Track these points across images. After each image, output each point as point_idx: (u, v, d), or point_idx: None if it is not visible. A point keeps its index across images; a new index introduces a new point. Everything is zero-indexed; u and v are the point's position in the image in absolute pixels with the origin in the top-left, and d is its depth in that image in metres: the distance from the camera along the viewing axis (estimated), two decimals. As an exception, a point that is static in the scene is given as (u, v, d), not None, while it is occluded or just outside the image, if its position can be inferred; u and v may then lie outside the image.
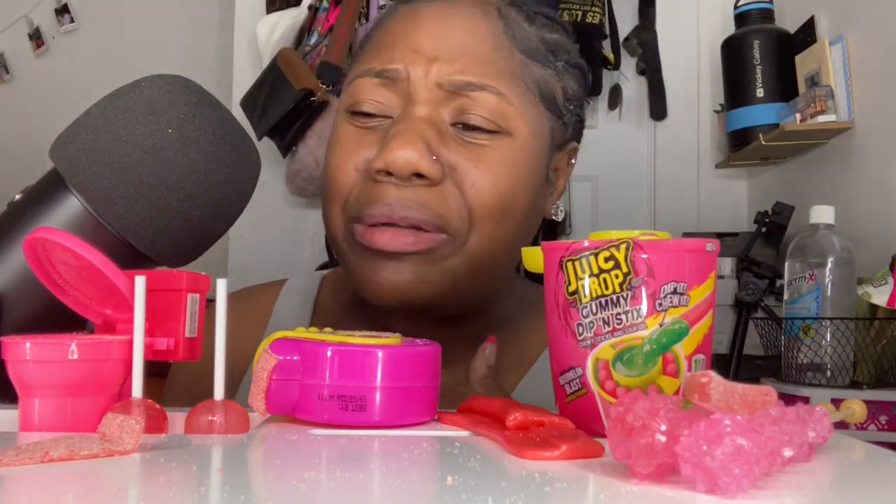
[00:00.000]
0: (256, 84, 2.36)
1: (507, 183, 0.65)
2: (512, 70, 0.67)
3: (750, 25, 2.16)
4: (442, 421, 0.48)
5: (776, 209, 1.95)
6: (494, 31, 0.68)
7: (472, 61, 0.66)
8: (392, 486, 0.33)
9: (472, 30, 0.67)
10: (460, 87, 0.65)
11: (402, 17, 0.70)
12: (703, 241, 0.45)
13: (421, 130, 0.64)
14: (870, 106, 1.81)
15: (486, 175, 0.65)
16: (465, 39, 0.67)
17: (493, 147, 0.66)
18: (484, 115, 0.65)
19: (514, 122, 0.66)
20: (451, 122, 0.66)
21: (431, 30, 0.67)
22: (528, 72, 0.68)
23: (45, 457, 0.36)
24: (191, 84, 0.56)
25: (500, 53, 0.67)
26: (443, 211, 0.64)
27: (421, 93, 0.66)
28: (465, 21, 0.68)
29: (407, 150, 0.62)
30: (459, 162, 0.65)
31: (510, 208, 0.66)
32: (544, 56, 0.70)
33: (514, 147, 0.66)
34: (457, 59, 0.66)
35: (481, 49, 0.67)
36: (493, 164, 0.65)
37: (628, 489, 0.33)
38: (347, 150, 0.67)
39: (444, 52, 0.66)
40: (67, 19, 3.02)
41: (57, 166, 0.54)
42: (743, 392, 0.36)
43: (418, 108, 0.65)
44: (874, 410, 1.37)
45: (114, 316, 0.49)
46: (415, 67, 0.66)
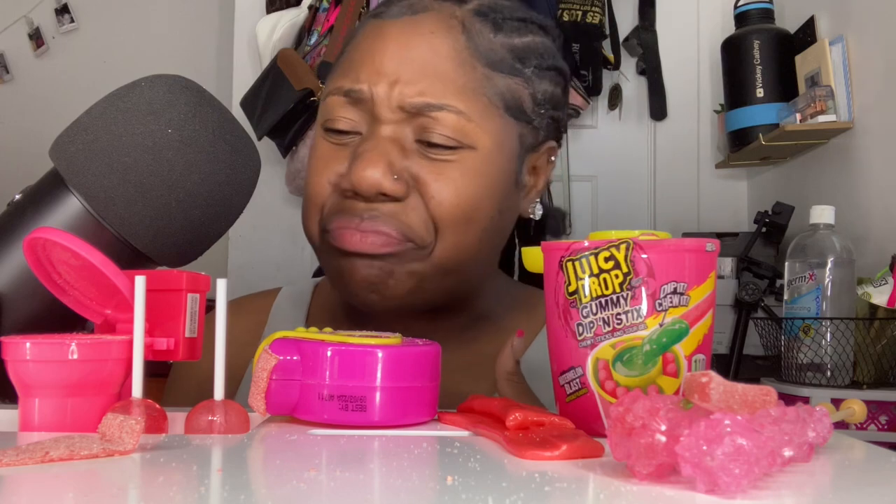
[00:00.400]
0: (256, 84, 2.36)
1: (469, 194, 0.69)
2: (473, 86, 0.69)
3: (750, 25, 2.16)
4: (442, 421, 0.48)
5: (776, 209, 1.95)
6: (457, 48, 0.70)
7: (431, 82, 0.69)
8: (392, 486, 0.33)
9: (435, 48, 0.70)
10: (420, 108, 0.68)
11: (370, 34, 0.73)
12: (703, 241, 0.45)
13: (384, 150, 0.67)
14: (870, 106, 1.81)
15: (447, 188, 0.68)
16: (427, 58, 0.69)
17: (455, 161, 0.69)
18: (445, 133, 0.68)
19: (475, 137, 0.69)
20: (414, 139, 0.69)
21: (395, 50, 0.70)
22: (490, 84, 0.70)
23: (45, 457, 0.36)
24: (191, 84, 0.56)
25: (462, 70, 0.69)
26: (409, 222, 0.67)
27: (384, 113, 0.69)
28: (427, 40, 0.70)
29: (370, 170, 0.66)
30: (422, 175, 0.68)
31: (473, 217, 0.69)
32: (510, 65, 0.72)
33: (476, 160, 0.69)
34: (417, 80, 0.68)
35: (442, 67, 0.69)
36: (454, 177, 0.68)
37: (628, 489, 0.33)
38: (321, 166, 0.71)
39: (404, 74, 0.69)
40: (67, 19, 3.02)
41: (57, 166, 0.54)
42: (743, 392, 0.36)
43: (383, 128, 0.69)
44: (874, 410, 1.37)
45: (114, 316, 0.49)
46: (378, 88, 0.69)
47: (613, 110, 2.55)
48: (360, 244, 0.67)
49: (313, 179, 0.71)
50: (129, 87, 0.55)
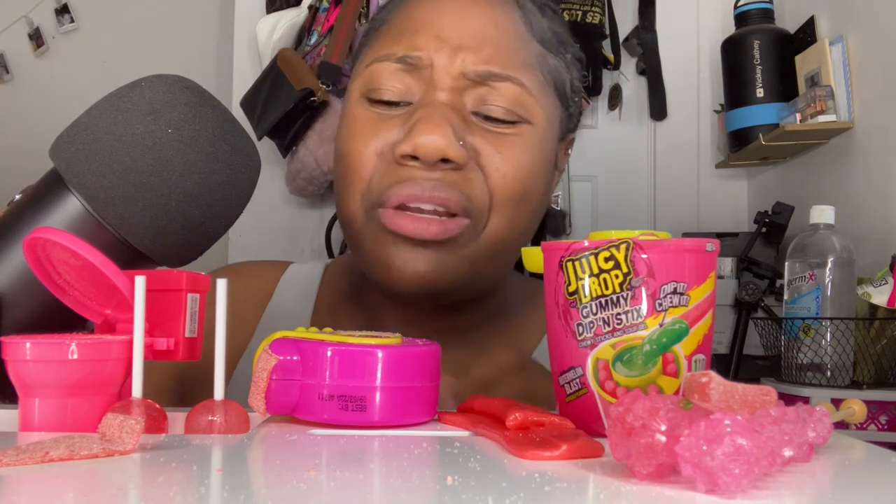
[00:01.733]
0: (256, 84, 2.36)
1: (527, 169, 0.67)
2: (531, 61, 0.68)
3: (750, 25, 2.16)
4: (442, 421, 0.48)
5: (776, 209, 1.95)
6: (514, 21, 0.69)
7: (496, 51, 0.67)
8: (392, 486, 0.33)
9: (494, 19, 0.68)
10: (484, 77, 0.66)
11: (423, 2, 0.70)
12: (703, 241, 0.45)
13: (446, 115, 0.64)
14: (870, 106, 1.81)
15: (508, 161, 0.66)
16: (488, 29, 0.67)
17: (513, 135, 0.67)
18: (505, 105, 0.66)
19: (533, 112, 0.68)
20: (471, 111, 0.66)
21: (455, 18, 0.67)
22: (544, 62, 0.69)
23: (45, 457, 0.36)
24: (191, 84, 0.56)
25: (521, 43, 0.68)
26: (469, 193, 0.64)
27: (444, 80, 0.66)
28: (487, 11, 0.68)
29: (435, 135, 0.62)
30: (483, 147, 0.65)
31: (528, 194, 0.67)
32: (556, 47, 0.71)
33: (533, 135, 0.68)
34: (481, 48, 0.66)
35: (504, 39, 0.67)
36: (515, 151, 0.66)
37: (628, 489, 0.33)
38: (366, 136, 0.66)
39: (468, 41, 0.66)
40: (67, 19, 3.02)
41: (57, 166, 0.54)
42: (743, 392, 0.36)
43: (440, 94, 0.66)
44: (874, 410, 1.37)
45: (114, 316, 0.49)
46: (439, 55, 0.66)
47: (613, 110, 2.55)
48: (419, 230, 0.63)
49: (357, 149, 0.66)
50: (129, 87, 0.55)
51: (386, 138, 0.65)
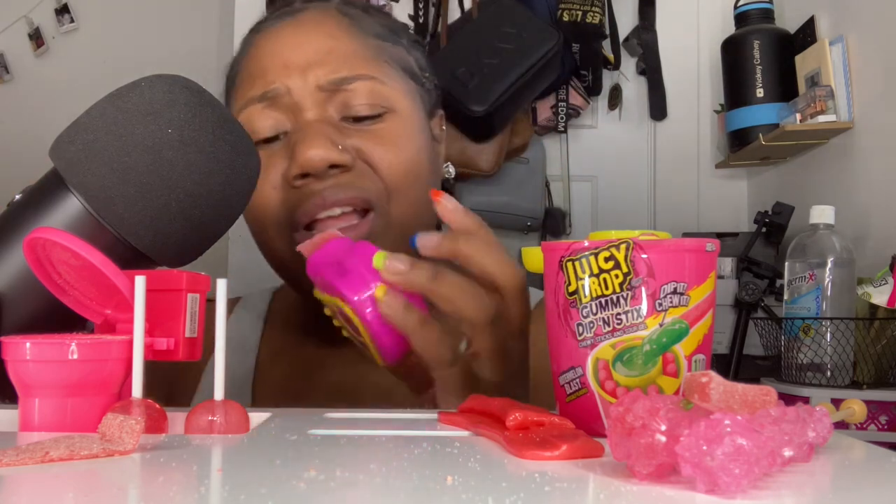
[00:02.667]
0: (256, 84, 2.36)
1: (409, 152, 0.73)
2: (373, 55, 0.74)
3: (750, 25, 2.16)
4: (442, 421, 0.48)
5: (776, 209, 1.95)
6: (343, 27, 0.75)
7: (339, 58, 0.72)
8: (392, 486, 0.33)
9: (327, 32, 0.74)
10: (338, 83, 0.71)
11: (261, 42, 0.76)
12: (703, 241, 0.45)
13: (320, 129, 0.70)
14: (870, 106, 1.81)
15: (390, 150, 0.71)
16: (325, 41, 0.73)
17: (385, 126, 0.72)
18: (366, 101, 0.72)
19: (393, 99, 0.73)
20: (339, 118, 0.72)
21: (293, 43, 0.73)
22: (384, 52, 0.75)
23: (45, 457, 0.36)
24: (191, 84, 0.56)
25: (357, 43, 0.74)
26: (364, 186, 0.70)
27: (305, 100, 0.71)
28: (319, 28, 0.75)
29: (314, 148, 0.68)
30: (362, 144, 0.71)
31: (418, 173, 0.73)
32: (390, 36, 0.77)
33: (401, 119, 0.73)
34: (326, 60, 0.72)
35: (341, 45, 0.73)
36: (392, 140, 0.72)
37: (628, 489, 0.33)
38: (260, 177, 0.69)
39: (312, 58, 0.72)
40: (67, 19, 3.02)
41: (57, 166, 0.54)
42: (743, 392, 0.36)
43: (308, 113, 0.71)
44: (874, 410, 1.37)
45: (114, 316, 0.49)
46: (292, 79, 0.72)
47: (613, 110, 2.55)
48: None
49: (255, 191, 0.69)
50: (129, 87, 0.55)
51: (276, 172, 0.71)
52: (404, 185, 0.71)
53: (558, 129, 2.37)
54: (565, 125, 2.36)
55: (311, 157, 0.68)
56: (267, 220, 0.72)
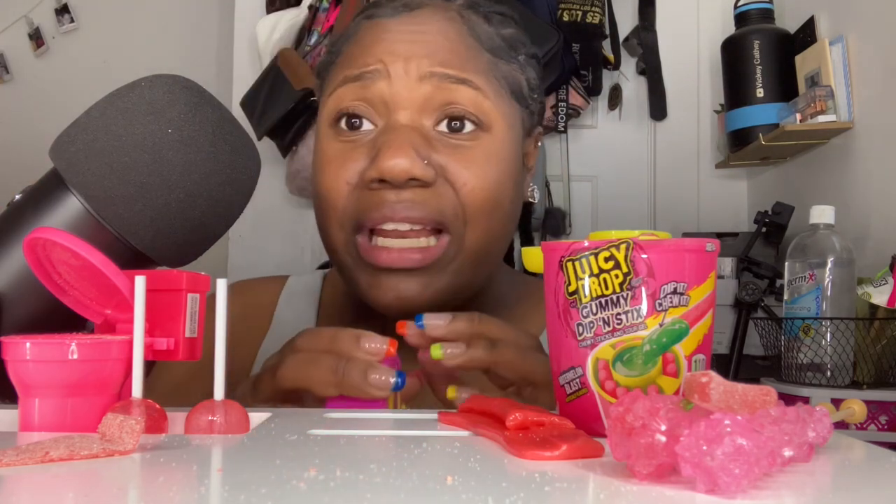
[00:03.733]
0: (256, 84, 2.36)
1: (494, 178, 0.69)
2: (484, 68, 0.70)
3: (750, 25, 2.16)
4: (442, 421, 0.48)
5: (776, 209, 1.95)
6: (461, 34, 0.71)
7: (448, 57, 0.69)
8: (392, 486, 0.33)
9: (442, 33, 0.70)
10: (441, 78, 0.68)
11: (370, 29, 0.72)
12: (703, 241, 0.45)
13: (408, 137, 0.66)
14: (870, 106, 1.81)
15: (475, 174, 0.68)
16: (438, 40, 0.69)
17: (476, 146, 0.69)
18: (465, 109, 0.68)
19: (492, 117, 0.69)
20: (434, 124, 0.69)
21: (404, 34, 0.70)
22: (496, 69, 0.71)
23: (45, 457, 0.36)
24: (191, 84, 0.56)
25: (471, 53, 0.70)
26: (441, 207, 0.67)
27: (402, 94, 0.68)
28: (434, 25, 0.70)
29: (399, 158, 0.64)
30: (449, 163, 0.67)
31: (499, 201, 0.69)
32: (507, 52, 0.73)
33: (494, 143, 0.69)
34: (434, 55, 0.68)
35: (454, 48, 0.69)
36: (479, 163, 0.68)
37: (628, 489, 0.33)
38: (336, 167, 0.69)
39: (420, 51, 0.68)
40: (67, 19, 3.02)
41: (57, 166, 0.54)
42: (743, 392, 0.36)
43: (401, 115, 0.68)
44: (874, 410, 1.37)
45: (114, 316, 0.49)
46: (394, 66, 0.68)
47: (613, 110, 2.55)
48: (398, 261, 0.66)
49: (329, 181, 0.69)
50: (129, 87, 0.55)
51: (354, 168, 0.68)
52: (483, 211, 0.68)
53: (558, 129, 2.37)
54: (565, 125, 2.36)
55: (393, 168, 0.64)
56: (333, 215, 0.69)
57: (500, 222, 0.70)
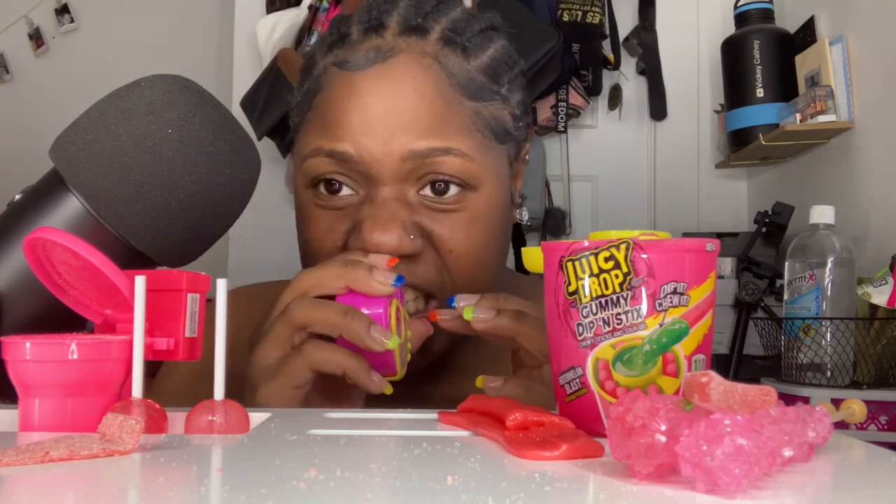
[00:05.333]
0: (256, 84, 2.36)
1: (480, 240, 0.68)
2: (467, 124, 0.66)
3: (750, 25, 2.16)
4: (442, 421, 0.48)
5: (776, 209, 1.95)
6: (440, 87, 0.66)
7: (431, 125, 0.64)
8: (392, 486, 0.33)
9: (420, 93, 0.65)
10: (425, 154, 0.64)
11: (341, 89, 0.66)
12: (703, 241, 0.45)
13: (393, 213, 0.64)
14: (870, 106, 1.81)
15: (460, 241, 0.67)
16: (415, 104, 0.64)
17: (461, 209, 0.67)
18: (451, 177, 0.66)
19: (479, 178, 0.67)
20: (417, 190, 0.66)
21: (377, 104, 0.64)
22: (479, 118, 0.67)
23: (45, 457, 0.36)
24: (191, 84, 0.56)
25: (452, 109, 0.66)
26: (425, 276, 0.66)
27: (383, 172, 0.65)
28: (409, 84, 0.65)
29: (385, 236, 0.63)
30: (435, 229, 0.66)
31: (486, 258, 0.69)
32: (489, 89, 0.68)
33: (480, 201, 0.67)
34: (413, 127, 0.64)
35: (433, 111, 0.65)
36: (465, 227, 0.67)
37: (628, 489, 0.33)
38: (323, 233, 0.68)
39: (397, 124, 0.64)
40: (67, 19, 3.02)
41: (57, 166, 0.54)
42: (743, 392, 0.36)
43: (384, 190, 0.65)
44: (874, 410, 1.37)
45: (114, 316, 0.49)
46: (372, 146, 0.64)
47: (613, 110, 2.55)
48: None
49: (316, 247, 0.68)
50: (129, 87, 0.55)
51: (339, 231, 0.67)
52: (469, 270, 0.68)
53: (558, 129, 2.37)
54: (565, 125, 2.36)
55: (381, 246, 0.63)
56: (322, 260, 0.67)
57: (488, 271, 0.70)
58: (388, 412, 0.54)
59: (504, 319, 0.61)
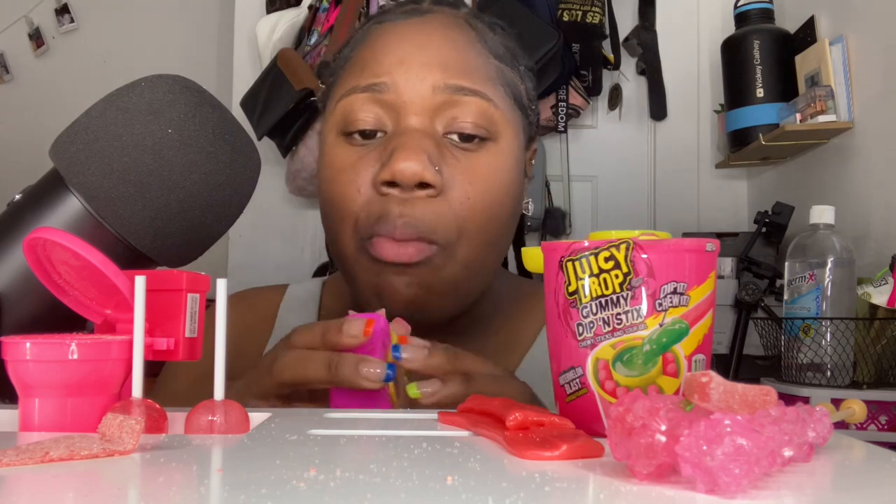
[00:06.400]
0: (256, 84, 2.36)
1: (496, 192, 0.69)
2: (493, 75, 0.71)
3: (750, 25, 2.16)
4: (442, 421, 0.48)
5: (776, 209, 1.95)
6: (470, 40, 0.71)
7: (459, 68, 0.69)
8: (392, 486, 0.33)
9: (452, 40, 0.70)
10: (454, 90, 0.68)
11: (380, 34, 0.72)
12: (703, 241, 0.45)
13: (421, 142, 0.67)
14: (870, 106, 1.81)
15: (480, 188, 0.68)
16: (448, 49, 0.70)
17: (483, 156, 0.69)
18: (475, 121, 0.68)
19: (500, 127, 0.70)
20: (443, 133, 0.69)
21: (415, 43, 0.70)
22: (503, 76, 0.72)
23: (45, 457, 0.36)
24: (191, 84, 0.56)
25: (480, 60, 0.71)
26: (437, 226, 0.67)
27: (414, 101, 0.68)
28: (444, 33, 0.71)
29: (411, 161, 0.65)
30: (455, 176, 0.68)
31: (498, 215, 0.70)
32: (510, 61, 0.74)
33: (501, 152, 0.70)
34: (446, 65, 0.69)
35: (464, 57, 0.70)
36: (485, 175, 0.69)
37: (628, 489, 0.33)
38: (349, 174, 0.69)
39: (431, 61, 0.68)
40: (67, 19, 3.02)
41: (57, 166, 0.54)
42: (743, 392, 0.36)
43: (412, 120, 0.68)
44: (874, 410, 1.37)
45: (114, 316, 0.49)
46: (406, 77, 0.68)
47: (613, 110, 2.55)
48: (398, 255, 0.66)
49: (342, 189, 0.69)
50: (129, 87, 0.55)
51: (365, 175, 0.68)
52: (478, 224, 0.68)
53: (558, 129, 2.37)
54: (565, 125, 2.36)
55: (405, 170, 0.65)
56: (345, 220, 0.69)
57: (496, 234, 0.70)
58: (388, 412, 0.54)
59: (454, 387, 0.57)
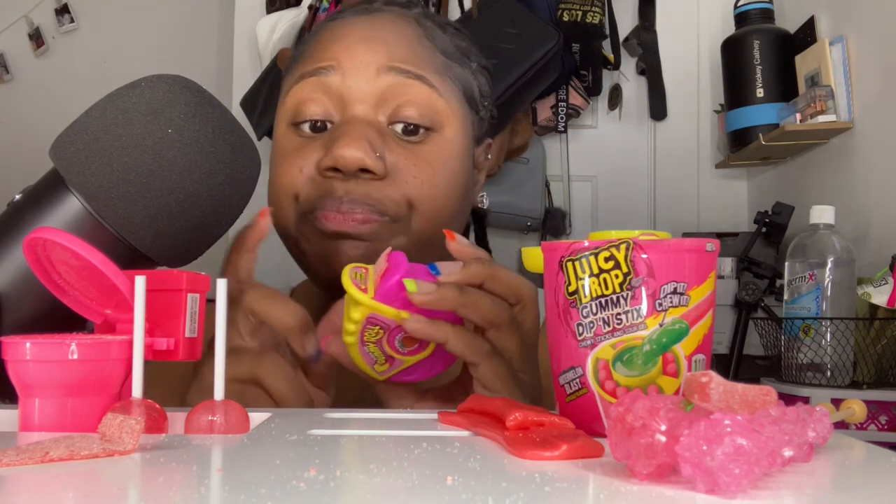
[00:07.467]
0: (256, 84, 2.36)
1: (443, 177, 0.72)
2: (438, 67, 0.73)
3: (750, 25, 2.16)
4: (442, 421, 0.48)
5: (776, 209, 1.95)
6: (418, 35, 0.74)
7: (404, 54, 0.72)
8: (392, 486, 0.33)
9: (399, 33, 0.73)
10: (398, 73, 0.70)
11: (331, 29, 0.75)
12: (703, 241, 0.45)
13: (363, 131, 0.69)
14: (870, 106, 1.81)
15: (425, 172, 0.70)
16: (394, 39, 0.72)
17: (427, 145, 0.71)
18: (418, 110, 0.71)
19: (444, 116, 0.72)
20: (388, 123, 0.71)
21: (361, 32, 0.73)
22: (450, 70, 0.74)
23: (45, 457, 0.36)
24: (191, 84, 0.56)
25: (426, 53, 0.73)
26: (385, 201, 0.69)
27: (359, 86, 0.70)
28: (392, 28, 0.74)
29: (352, 148, 0.67)
30: (400, 161, 0.70)
31: (447, 198, 0.72)
32: (460, 58, 0.76)
33: (445, 142, 0.72)
34: (391, 51, 0.71)
35: (410, 47, 0.72)
36: (429, 161, 0.71)
37: (628, 489, 0.33)
38: (293, 158, 0.72)
39: (378, 48, 0.71)
40: (67, 19, 3.02)
41: (57, 166, 0.54)
42: (743, 392, 0.36)
43: (357, 108, 0.70)
44: (874, 410, 1.37)
45: (114, 316, 0.49)
46: (353, 63, 0.71)
47: (613, 110, 2.55)
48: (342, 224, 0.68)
49: (285, 169, 0.72)
50: (129, 87, 0.55)
51: (309, 159, 0.71)
52: (429, 205, 0.70)
53: (558, 129, 2.37)
54: (565, 125, 2.36)
55: (345, 155, 0.67)
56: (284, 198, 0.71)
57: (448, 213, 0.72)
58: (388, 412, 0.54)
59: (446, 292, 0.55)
